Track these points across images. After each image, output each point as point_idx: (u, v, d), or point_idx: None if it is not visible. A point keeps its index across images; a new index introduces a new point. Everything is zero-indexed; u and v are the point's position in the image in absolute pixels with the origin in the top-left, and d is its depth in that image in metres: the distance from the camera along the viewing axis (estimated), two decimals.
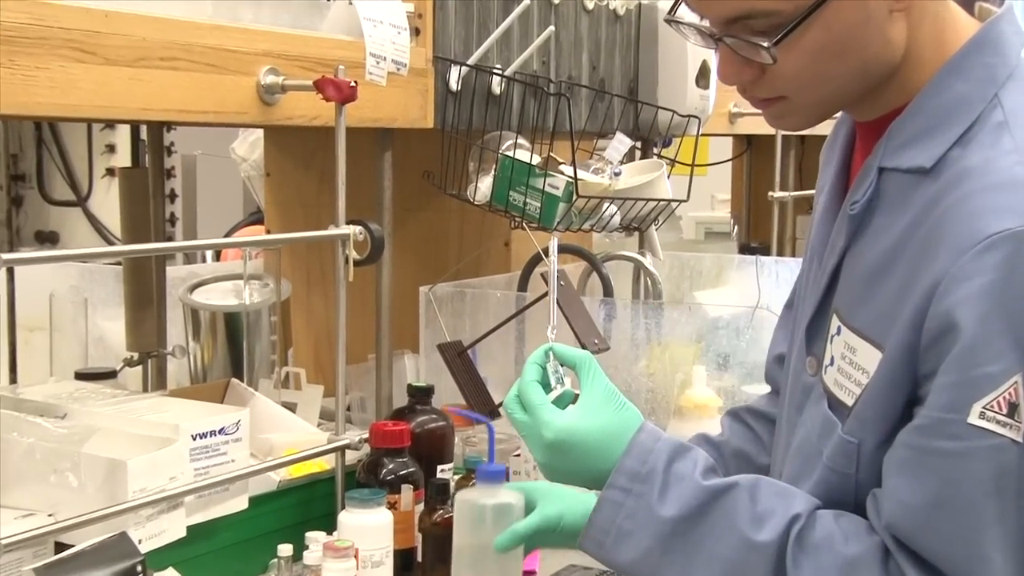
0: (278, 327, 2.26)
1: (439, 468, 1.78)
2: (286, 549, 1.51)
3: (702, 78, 2.39)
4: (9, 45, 1.20)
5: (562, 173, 1.86)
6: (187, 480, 1.47)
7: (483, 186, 1.93)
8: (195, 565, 1.53)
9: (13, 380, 2.25)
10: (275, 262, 2.32)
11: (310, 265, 2.49)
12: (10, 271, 2.19)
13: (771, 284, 2.57)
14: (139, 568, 1.30)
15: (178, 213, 4.19)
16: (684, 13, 1.16)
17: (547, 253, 1.51)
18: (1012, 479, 0.98)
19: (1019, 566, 1.00)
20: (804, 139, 3.40)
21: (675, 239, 3.61)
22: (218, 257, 3.27)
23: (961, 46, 1.10)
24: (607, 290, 2.31)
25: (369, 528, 1.55)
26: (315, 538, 1.52)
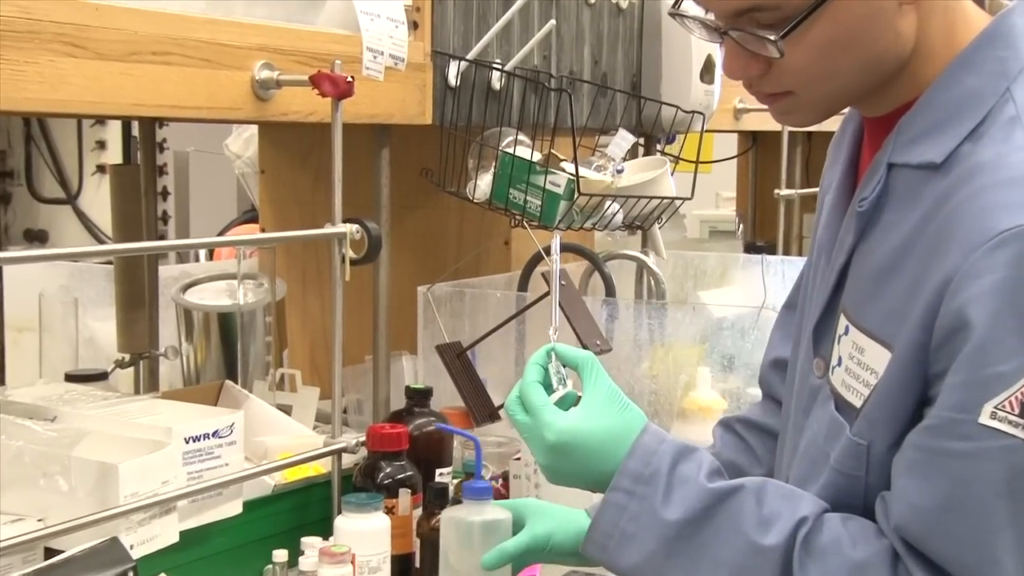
0: (273, 328, 2.26)
1: (437, 472, 1.78)
2: (281, 555, 1.51)
3: (706, 73, 2.39)
4: None
5: (563, 170, 1.86)
6: (180, 484, 1.47)
7: (483, 184, 1.93)
8: (188, 571, 1.53)
9: (1, 382, 2.25)
10: (270, 261, 2.32)
11: (306, 264, 2.49)
12: None
13: (777, 284, 2.57)
14: (131, 574, 1.30)
15: (170, 211, 4.18)
16: (688, 6, 1.16)
17: (548, 252, 1.51)
18: None
19: None
20: (811, 135, 3.40)
21: (679, 238, 3.61)
22: (211, 256, 3.27)
23: (972, 39, 1.10)
24: (609, 290, 2.31)
25: (366, 533, 1.55)
26: (311, 543, 1.52)
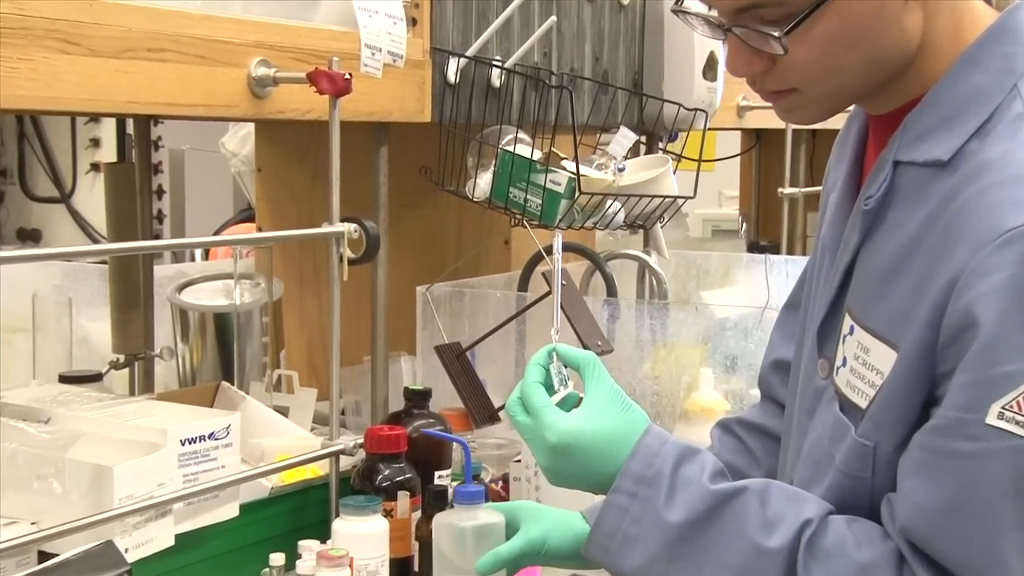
0: (270, 328, 2.26)
1: (437, 474, 1.78)
2: (278, 558, 1.51)
3: (709, 70, 2.39)
4: None
5: (564, 169, 1.86)
6: (175, 487, 1.47)
7: (482, 182, 1.93)
8: (184, 575, 1.53)
9: None
10: (267, 261, 2.32)
11: (303, 264, 2.49)
12: None
13: (781, 283, 2.57)
14: None
15: (166, 210, 4.19)
16: (691, 3, 1.16)
17: (549, 252, 1.51)
18: None
19: None
20: (815, 133, 3.40)
21: (681, 237, 3.61)
22: (207, 256, 3.27)
23: (979, 35, 1.10)
24: (611, 290, 2.31)
25: (364, 536, 1.55)
26: (308, 547, 1.52)
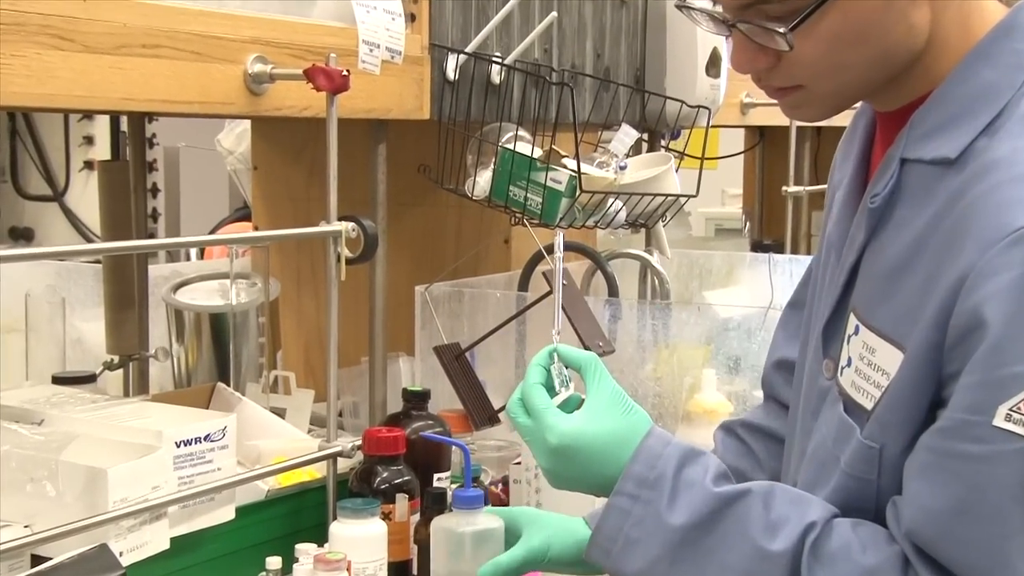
0: (266, 328, 2.26)
1: (436, 477, 1.78)
2: (275, 562, 1.51)
3: (712, 66, 2.39)
4: None
5: (565, 167, 1.86)
6: (171, 489, 1.47)
7: (482, 180, 1.93)
8: None
9: None
10: (263, 260, 2.33)
11: (300, 263, 2.49)
12: None
13: (785, 283, 2.57)
14: None
15: (160, 208, 4.17)
16: None
17: (549, 251, 1.51)
18: None
19: None
20: (820, 131, 3.40)
21: (683, 236, 3.61)
22: (203, 255, 3.27)
23: (988, 31, 1.10)
24: (612, 290, 2.31)
25: (362, 539, 1.55)
26: (305, 550, 1.52)
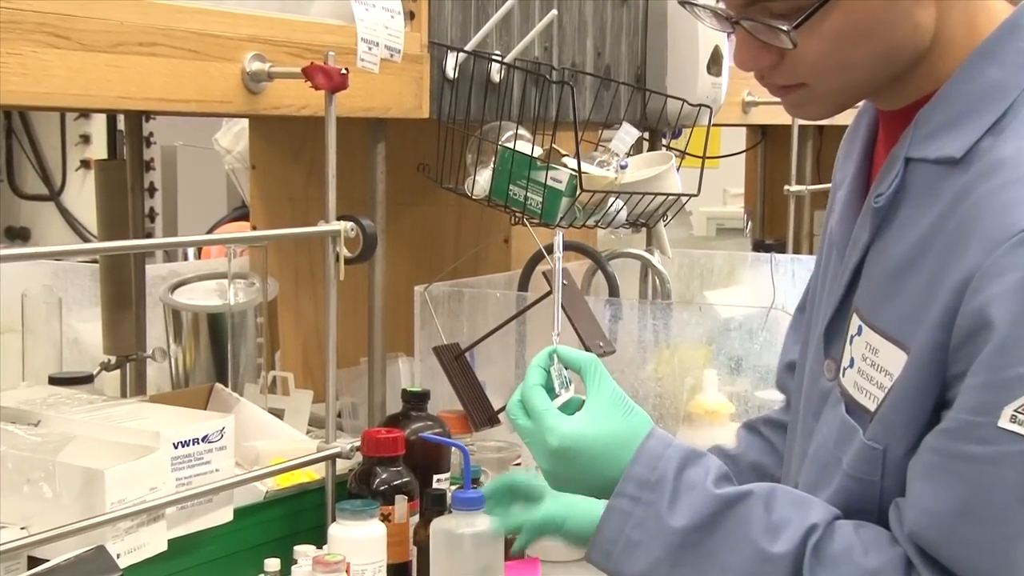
0: (265, 329, 2.26)
1: (435, 478, 1.78)
2: (273, 564, 1.51)
3: (714, 64, 2.39)
4: None
5: (565, 166, 1.86)
6: (168, 491, 1.47)
7: (482, 180, 1.93)
8: None
9: None
10: (261, 260, 2.32)
11: (298, 263, 2.49)
12: None
13: (786, 283, 2.57)
14: None
15: (158, 208, 4.17)
16: None
17: (549, 250, 1.51)
18: None
19: None
20: (822, 130, 3.40)
21: (685, 235, 3.62)
22: (200, 255, 3.27)
23: (993, 30, 1.09)
24: (613, 290, 2.31)
25: (361, 541, 1.55)
26: (304, 552, 1.52)
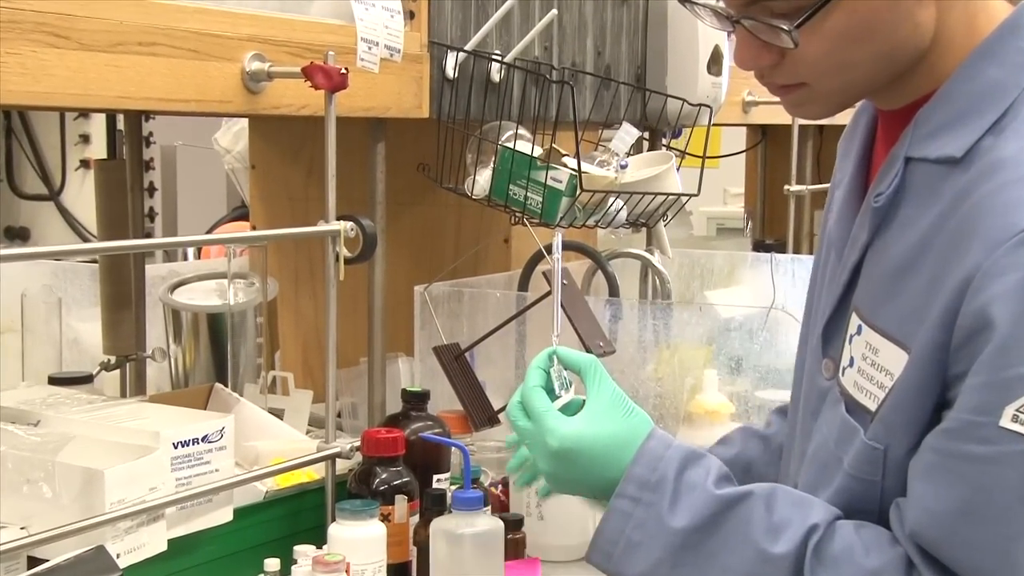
0: (264, 329, 2.26)
1: (435, 478, 1.78)
2: (273, 564, 1.51)
3: (714, 64, 2.39)
4: None
5: (565, 166, 1.86)
6: (168, 491, 1.47)
7: (481, 179, 1.93)
8: None
9: None
10: (261, 260, 2.32)
11: (298, 263, 2.49)
12: None
13: (787, 283, 2.57)
14: None
15: (157, 208, 4.17)
16: None
17: (549, 250, 1.51)
18: None
19: None
20: (822, 129, 3.40)
21: (685, 235, 3.62)
22: (200, 254, 3.27)
23: (994, 29, 1.10)
24: (613, 290, 2.31)
25: (361, 541, 1.55)
26: (304, 552, 1.52)
